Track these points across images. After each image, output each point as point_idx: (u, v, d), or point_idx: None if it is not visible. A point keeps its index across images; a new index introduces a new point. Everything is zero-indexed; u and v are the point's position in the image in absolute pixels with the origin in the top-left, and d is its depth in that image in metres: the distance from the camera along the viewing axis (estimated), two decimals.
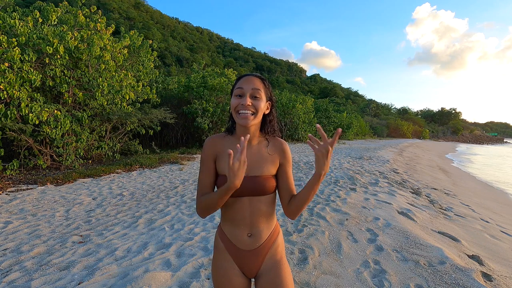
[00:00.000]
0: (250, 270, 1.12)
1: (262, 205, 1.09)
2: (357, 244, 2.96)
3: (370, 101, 77.24)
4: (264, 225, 1.11)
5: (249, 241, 1.10)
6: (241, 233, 1.10)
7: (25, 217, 3.84)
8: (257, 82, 1.07)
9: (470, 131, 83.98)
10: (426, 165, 12.32)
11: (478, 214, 5.12)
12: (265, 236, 1.12)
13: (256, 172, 1.08)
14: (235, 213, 1.09)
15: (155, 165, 7.99)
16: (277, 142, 1.16)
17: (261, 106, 1.06)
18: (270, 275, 1.10)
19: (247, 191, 1.06)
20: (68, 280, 2.26)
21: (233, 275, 1.10)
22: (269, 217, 1.12)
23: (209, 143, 1.12)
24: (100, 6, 46.27)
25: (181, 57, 67.76)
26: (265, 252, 1.12)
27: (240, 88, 1.05)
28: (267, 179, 1.08)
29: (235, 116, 1.06)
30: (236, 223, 1.10)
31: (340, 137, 28.22)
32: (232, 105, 1.06)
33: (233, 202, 1.08)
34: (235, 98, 1.06)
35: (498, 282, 2.37)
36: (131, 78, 8.84)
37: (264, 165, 1.10)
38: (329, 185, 5.74)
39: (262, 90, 1.07)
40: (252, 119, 1.05)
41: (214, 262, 1.14)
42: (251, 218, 1.09)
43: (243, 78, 1.09)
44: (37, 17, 7.10)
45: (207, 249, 2.79)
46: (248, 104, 1.03)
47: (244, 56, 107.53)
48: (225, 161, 1.08)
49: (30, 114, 6.16)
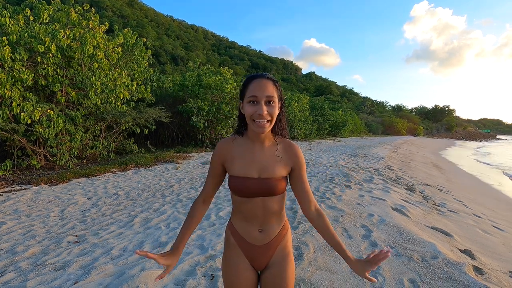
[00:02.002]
0: (260, 263, 1.16)
1: (274, 203, 1.13)
2: (352, 240, 3.00)
3: (365, 99, 77.65)
4: (275, 222, 1.15)
5: (260, 236, 1.14)
6: (253, 229, 1.14)
7: (19, 218, 3.81)
8: (270, 88, 1.04)
9: (463, 128, 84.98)
10: (420, 162, 12.46)
11: (471, 209, 5.21)
12: (275, 232, 1.16)
13: (268, 174, 1.10)
14: (247, 211, 1.13)
15: (150, 164, 7.96)
16: (289, 147, 1.16)
17: (276, 112, 1.06)
18: (276, 269, 1.15)
19: (259, 192, 1.09)
20: (64, 280, 2.26)
21: (243, 269, 1.15)
22: (279, 213, 1.16)
23: (221, 146, 1.15)
24: (93, 3, 45.71)
25: (176, 56, 67.27)
26: (275, 246, 1.16)
27: (254, 96, 1.03)
28: (278, 181, 1.11)
29: (250, 123, 1.06)
30: (248, 220, 1.14)
31: (335, 134, 28.38)
32: (247, 113, 1.05)
33: (246, 202, 1.11)
34: (249, 106, 1.04)
35: (489, 276, 2.42)
36: (125, 76, 8.77)
37: (276, 167, 1.11)
38: (324, 183, 5.78)
39: (275, 95, 1.05)
40: (268, 126, 1.05)
41: (225, 257, 1.19)
42: (263, 215, 1.13)
43: (255, 81, 1.05)
44: (28, 15, 7.00)
45: (203, 247, 2.80)
46: (265, 113, 1.02)
47: (240, 54, 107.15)
48: (234, 163, 1.12)
49: (22, 113, 6.09)
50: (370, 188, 5.42)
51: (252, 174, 1.10)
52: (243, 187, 1.09)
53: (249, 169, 1.10)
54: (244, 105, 1.07)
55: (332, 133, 28.17)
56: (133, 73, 9.97)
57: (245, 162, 1.11)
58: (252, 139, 1.13)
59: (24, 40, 6.51)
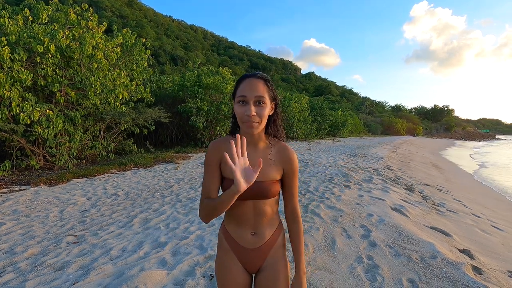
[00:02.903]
0: (253, 266, 1.15)
1: (266, 207, 1.11)
2: (351, 240, 3.00)
3: (364, 99, 77.72)
4: (267, 225, 1.14)
5: (253, 240, 1.13)
6: (245, 232, 1.12)
7: (18, 218, 3.80)
8: (260, 87, 1.01)
9: (462, 127, 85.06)
10: (419, 162, 12.47)
11: (470, 209, 5.22)
12: (268, 235, 1.14)
13: (261, 177, 1.07)
14: (239, 214, 1.11)
15: (150, 165, 7.95)
16: (284, 150, 1.13)
17: (266, 113, 1.03)
18: (270, 271, 1.13)
19: (251, 195, 1.06)
20: (63, 281, 2.26)
21: (236, 272, 1.13)
22: (272, 217, 1.15)
23: (212, 147, 1.11)
24: (92, 4, 45.68)
25: (175, 56, 67.21)
26: (268, 249, 1.14)
27: (242, 95, 1.01)
28: (271, 184, 1.09)
29: (240, 123, 1.05)
30: (240, 223, 1.12)
31: (334, 134, 28.42)
32: (236, 113, 1.03)
33: (237, 205, 1.09)
34: (239, 106, 1.02)
35: (487, 275, 2.43)
36: (125, 77, 8.76)
37: (269, 170, 1.09)
38: (323, 183, 5.78)
39: (266, 95, 1.03)
40: (257, 127, 1.03)
41: (218, 260, 1.17)
42: (255, 219, 1.11)
43: (245, 81, 1.03)
44: (27, 15, 6.99)
45: (203, 247, 2.80)
46: (253, 114, 1.00)
47: (239, 54, 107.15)
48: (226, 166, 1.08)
49: (21, 114, 6.08)
50: (370, 188, 5.42)
51: None
52: None
53: None
54: (235, 105, 1.05)
55: (332, 133, 28.19)
56: (133, 74, 9.96)
57: None
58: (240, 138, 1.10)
59: (23, 40, 6.50)
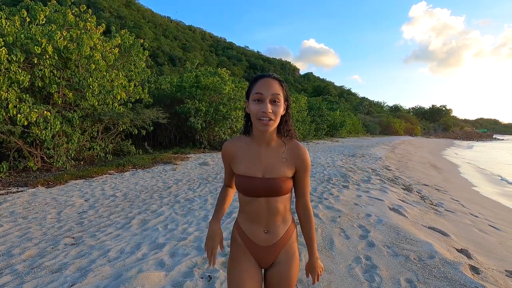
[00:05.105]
0: (266, 262, 1.18)
1: (279, 204, 1.13)
2: (349, 240, 3.00)
3: (363, 99, 77.88)
4: (280, 223, 1.16)
5: (265, 237, 1.15)
6: (258, 230, 1.15)
7: (15, 220, 3.78)
8: (276, 86, 1.05)
9: (460, 127, 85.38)
10: (417, 162, 12.50)
11: (468, 209, 5.23)
12: (281, 233, 1.17)
13: (273, 174, 1.11)
14: (252, 211, 1.14)
15: (148, 166, 7.93)
16: (295, 148, 1.16)
17: (280, 111, 1.07)
18: (281, 267, 1.16)
19: (264, 192, 1.10)
20: (61, 283, 2.25)
21: (248, 266, 1.17)
22: (285, 214, 1.17)
23: (224, 149, 1.20)
24: (90, 4, 45.55)
25: (173, 56, 67.08)
26: (281, 247, 1.17)
27: (259, 93, 1.04)
28: (283, 181, 1.11)
29: (254, 121, 1.07)
30: (253, 220, 1.15)
31: (333, 134, 28.46)
32: (252, 111, 1.06)
33: (250, 202, 1.13)
34: (255, 104, 1.05)
35: (485, 275, 2.44)
36: (123, 78, 8.74)
37: (281, 167, 1.12)
38: (322, 183, 5.79)
39: (281, 94, 1.06)
40: (272, 125, 1.06)
41: (232, 255, 1.21)
42: (267, 216, 1.14)
43: (261, 80, 1.07)
44: (25, 16, 6.96)
45: (201, 248, 2.80)
46: (270, 111, 1.03)
47: (237, 55, 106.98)
48: (239, 162, 1.15)
49: (19, 115, 6.05)
50: (368, 188, 5.43)
51: (256, 173, 1.11)
52: (247, 186, 1.11)
53: (253, 168, 1.12)
54: (250, 103, 1.07)
55: (330, 134, 28.22)
56: (131, 74, 9.93)
57: (250, 161, 1.13)
58: (258, 139, 1.14)
59: (20, 41, 6.48)
